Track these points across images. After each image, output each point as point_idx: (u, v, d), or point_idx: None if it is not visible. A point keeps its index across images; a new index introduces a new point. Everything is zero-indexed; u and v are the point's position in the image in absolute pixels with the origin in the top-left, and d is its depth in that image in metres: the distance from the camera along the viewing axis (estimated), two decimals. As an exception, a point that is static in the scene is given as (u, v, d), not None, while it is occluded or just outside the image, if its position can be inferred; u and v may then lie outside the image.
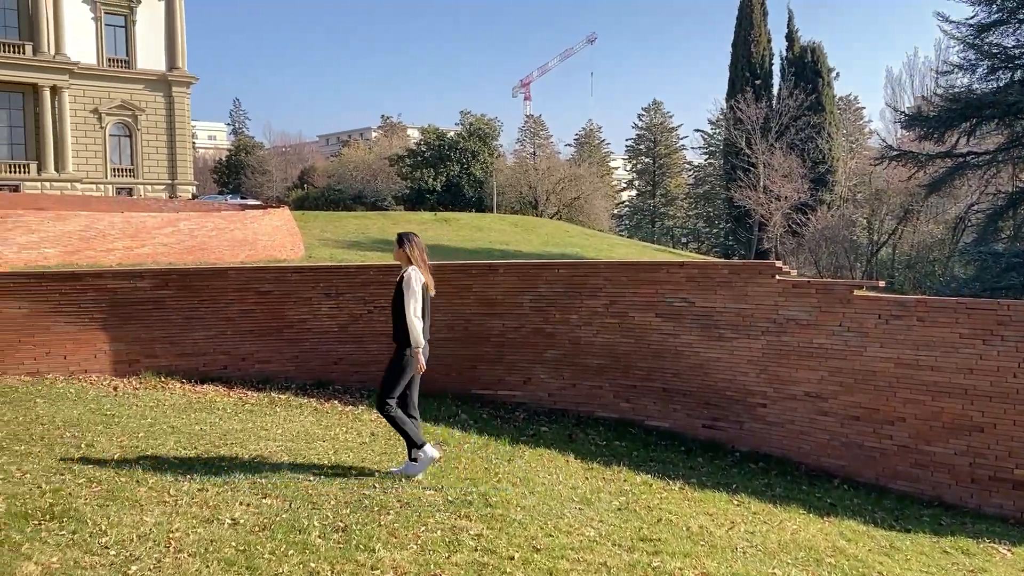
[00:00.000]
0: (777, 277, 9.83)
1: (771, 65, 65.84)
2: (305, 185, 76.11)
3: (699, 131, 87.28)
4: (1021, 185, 28.82)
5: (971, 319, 8.59)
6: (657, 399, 10.67)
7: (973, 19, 25.41)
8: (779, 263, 10.07)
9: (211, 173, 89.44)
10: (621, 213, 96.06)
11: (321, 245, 34.87)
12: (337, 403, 10.60)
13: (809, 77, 61.64)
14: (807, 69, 62.04)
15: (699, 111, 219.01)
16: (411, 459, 6.88)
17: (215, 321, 11.73)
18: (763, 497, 8.24)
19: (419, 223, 45.77)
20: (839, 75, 75.83)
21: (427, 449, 6.88)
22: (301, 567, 4.78)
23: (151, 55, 54.65)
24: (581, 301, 11.03)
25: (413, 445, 6.85)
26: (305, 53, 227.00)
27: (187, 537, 5.07)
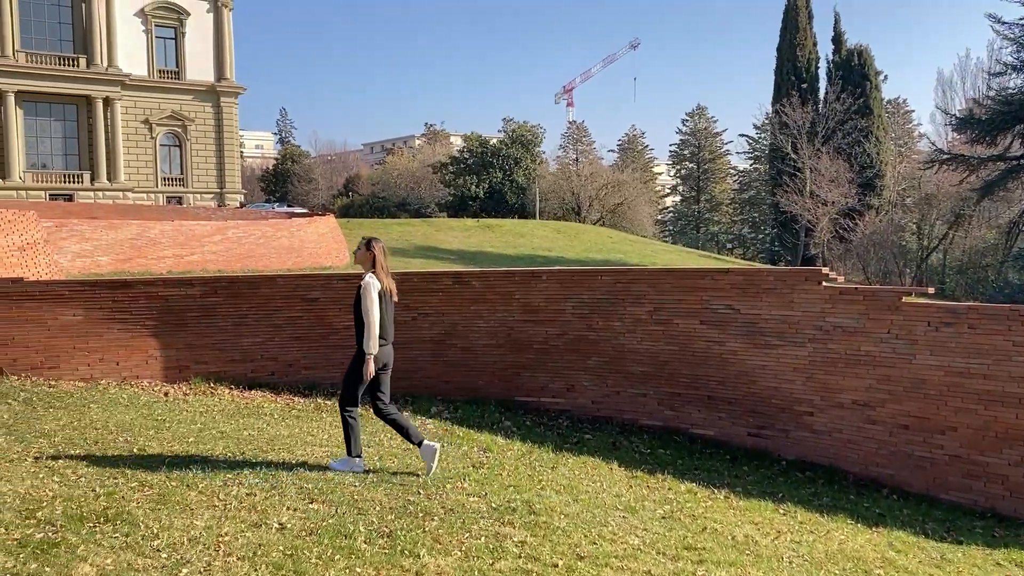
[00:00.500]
0: (824, 283, 9.71)
1: (817, 69, 65.03)
2: (350, 193, 76.93)
3: (744, 136, 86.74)
4: (1077, 188, 28.14)
5: (1025, 326, 8.41)
6: (702, 407, 10.59)
7: (1026, 19, 24.94)
8: (826, 269, 9.95)
9: (258, 182, 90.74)
10: (665, 219, 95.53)
11: (366, 252, 35.13)
12: (382, 409, 10.67)
13: (856, 80, 60.78)
14: (854, 72, 61.18)
15: (744, 116, 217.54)
16: (350, 454, 7.10)
17: (263, 328, 11.90)
18: (810, 506, 8.14)
19: (462, 230, 46.01)
20: (887, 78, 74.75)
21: (357, 462, 7.09)
22: (347, 572, 4.83)
23: (200, 66, 55.76)
24: (625, 308, 11.00)
25: (348, 445, 7.09)
26: (350, 62, 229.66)
27: (236, 541, 5.15)
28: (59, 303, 11.52)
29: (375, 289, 6.87)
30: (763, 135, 78.57)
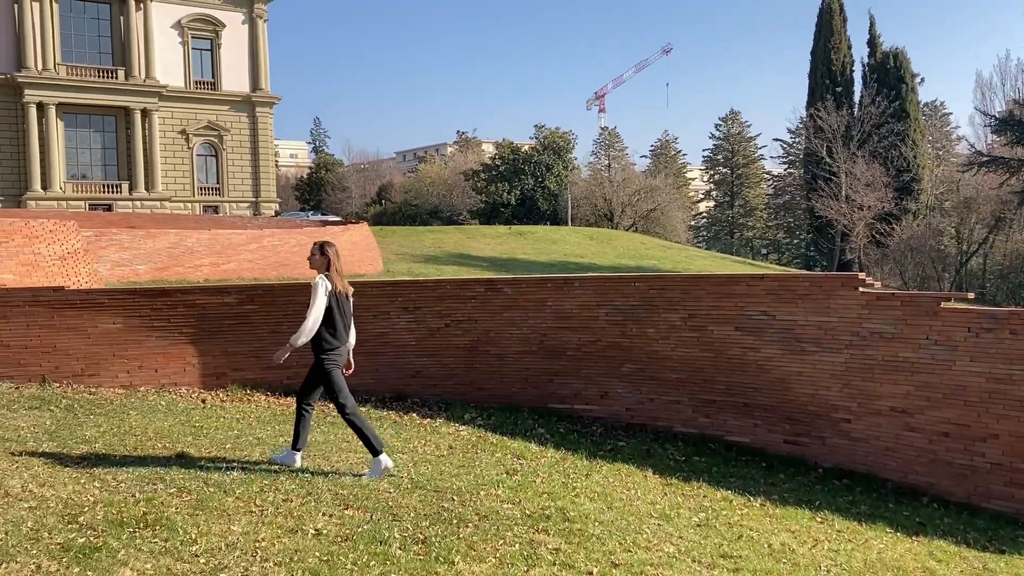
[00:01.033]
0: (860, 289, 9.59)
1: (852, 72, 64.40)
2: (383, 201, 77.45)
3: (778, 140, 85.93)
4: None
5: (1068, 332, 8.25)
6: (737, 414, 10.51)
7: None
8: (862, 275, 9.83)
9: (293, 190, 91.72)
10: (699, 224, 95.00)
11: (398, 260, 35.38)
12: (415, 416, 10.73)
13: (892, 83, 60.12)
14: (890, 75, 60.52)
15: (778, 120, 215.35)
16: (293, 447, 7.29)
17: (297, 335, 11.99)
18: (847, 514, 8.04)
19: (494, 237, 46.08)
20: (924, 80, 73.59)
21: (297, 456, 7.31)
22: (382, 578, 4.86)
23: (235, 77, 56.53)
24: (658, 314, 10.94)
25: (295, 440, 7.27)
26: (383, 72, 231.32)
27: (273, 546, 5.20)
28: (99, 311, 11.70)
29: (324, 287, 7.08)
30: (797, 139, 77.89)
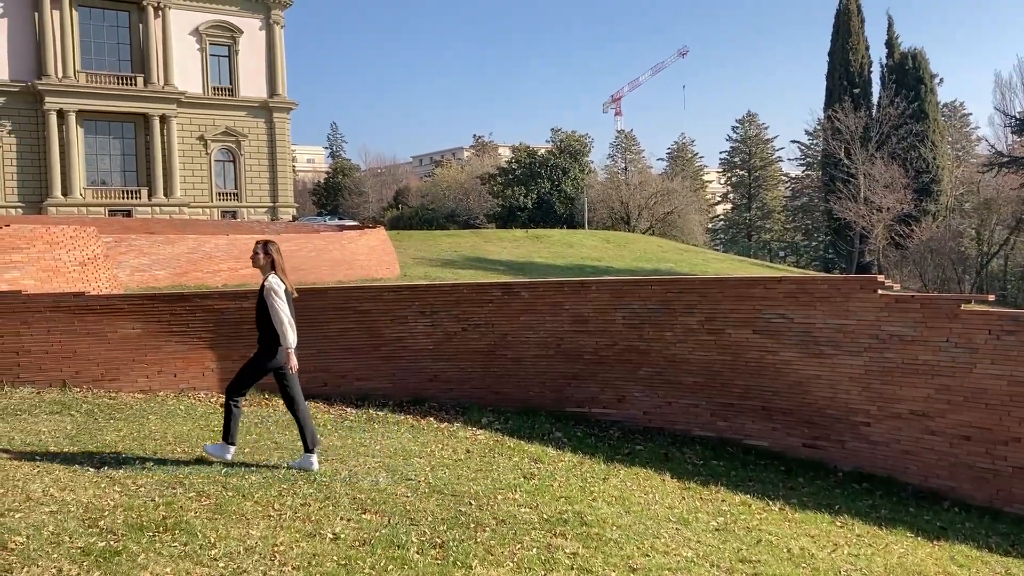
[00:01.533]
0: (879, 291, 9.53)
1: (870, 73, 64.07)
2: (400, 205, 77.65)
3: (796, 142, 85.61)
4: None
5: (1091, 334, 8.16)
6: (755, 417, 10.45)
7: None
8: (881, 277, 9.77)
9: (310, 195, 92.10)
10: (716, 227, 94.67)
11: (415, 264, 35.46)
12: (433, 420, 10.74)
13: (911, 84, 59.77)
14: (908, 76, 60.17)
15: (795, 122, 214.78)
16: (225, 440, 7.40)
17: (315, 339, 12.03)
18: (867, 519, 7.98)
19: (511, 240, 46.11)
20: (943, 81, 73.19)
21: (231, 449, 7.41)
22: (400, 582, 4.86)
23: (253, 83, 56.84)
24: (676, 318, 10.91)
25: (226, 431, 7.39)
26: (399, 77, 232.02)
27: (291, 551, 5.22)
28: (119, 316, 11.79)
29: (281, 288, 7.09)
30: (815, 141, 77.55)
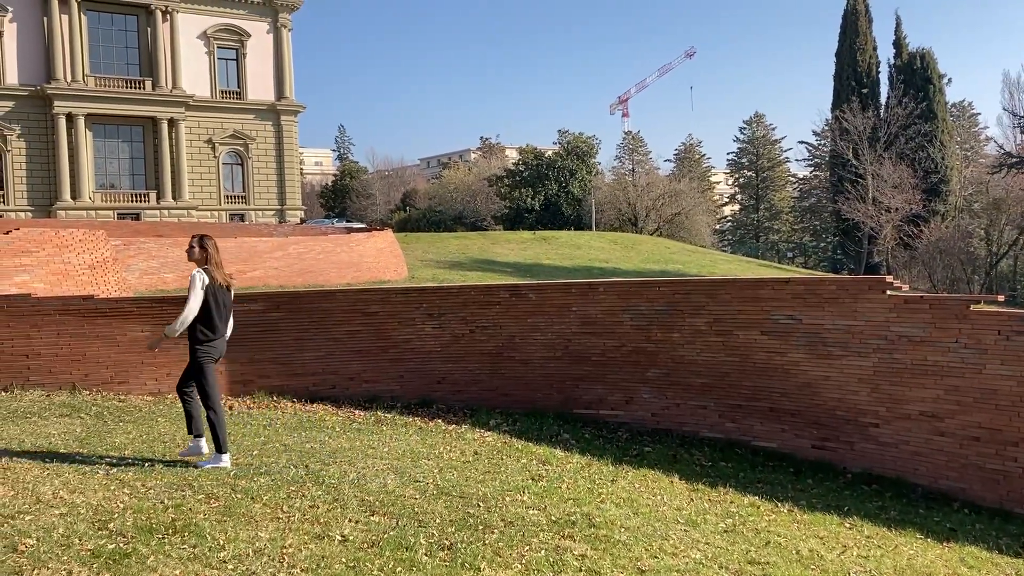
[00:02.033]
0: (888, 292, 9.50)
1: (878, 73, 63.92)
2: (407, 207, 77.74)
3: (803, 143, 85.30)
4: None
5: (1101, 334, 8.12)
6: (764, 419, 10.43)
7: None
8: (890, 277, 9.74)
9: (318, 198, 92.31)
10: (723, 228, 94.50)
11: (423, 266, 35.50)
12: (441, 422, 10.75)
13: (919, 84, 59.60)
14: (916, 76, 60.00)
15: (803, 122, 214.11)
16: (197, 437, 7.59)
17: (324, 342, 12.08)
18: (877, 520, 7.95)
19: (518, 242, 46.11)
20: (951, 81, 72.90)
21: (202, 443, 7.59)
22: (408, 584, 4.86)
23: (260, 86, 57.00)
24: (683, 319, 10.89)
25: (189, 426, 7.58)
26: (406, 79, 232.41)
27: (299, 553, 5.23)
28: (128, 319, 11.83)
29: (201, 281, 7.29)
30: (823, 141, 77.35)
